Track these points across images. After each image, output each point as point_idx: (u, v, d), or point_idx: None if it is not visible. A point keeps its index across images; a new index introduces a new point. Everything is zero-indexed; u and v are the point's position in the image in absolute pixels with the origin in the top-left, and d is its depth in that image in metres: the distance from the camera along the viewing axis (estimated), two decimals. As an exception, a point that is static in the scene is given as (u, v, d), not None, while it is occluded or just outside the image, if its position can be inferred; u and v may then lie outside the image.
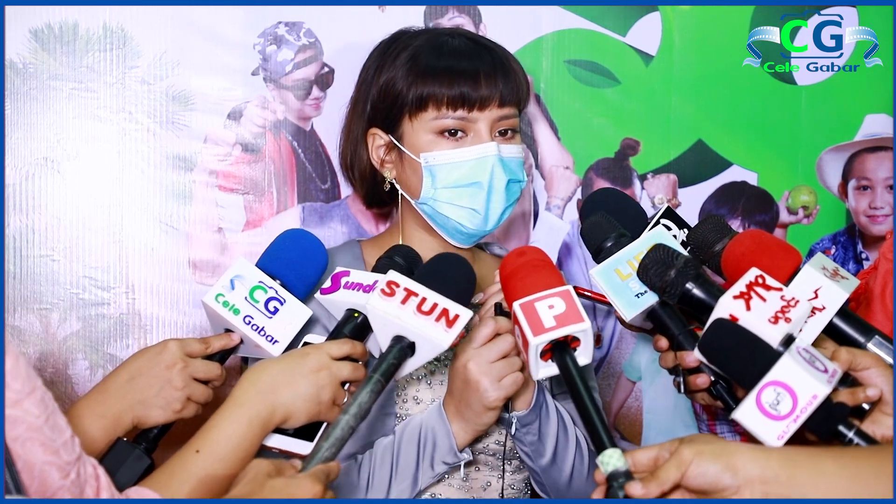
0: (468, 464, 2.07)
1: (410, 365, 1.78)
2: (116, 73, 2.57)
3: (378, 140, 2.21)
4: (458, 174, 2.13)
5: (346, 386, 1.85)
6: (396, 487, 2.02)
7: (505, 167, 2.14)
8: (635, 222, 2.11)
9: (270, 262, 2.02)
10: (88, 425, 1.86)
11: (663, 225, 2.11)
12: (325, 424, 1.81)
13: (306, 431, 1.82)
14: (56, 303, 2.57)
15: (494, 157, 2.12)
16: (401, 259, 2.00)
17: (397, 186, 2.22)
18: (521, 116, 2.24)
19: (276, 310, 1.95)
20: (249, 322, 1.93)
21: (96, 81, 2.57)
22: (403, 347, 1.75)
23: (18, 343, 2.55)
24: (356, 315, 1.91)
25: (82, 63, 2.56)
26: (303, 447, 1.80)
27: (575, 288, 2.20)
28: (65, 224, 2.58)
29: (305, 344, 1.92)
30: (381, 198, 2.31)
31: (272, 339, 1.94)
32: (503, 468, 2.14)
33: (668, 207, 2.14)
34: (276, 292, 1.96)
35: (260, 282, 1.96)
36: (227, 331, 1.98)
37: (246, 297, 1.94)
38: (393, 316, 1.75)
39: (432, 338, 1.74)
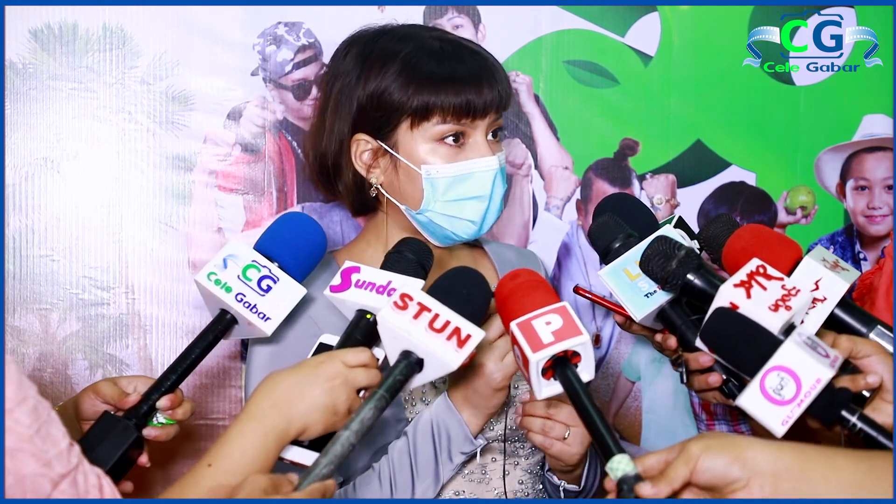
0: (483, 450, 2.06)
1: (417, 381, 1.74)
2: (116, 74, 2.58)
3: (363, 145, 2.13)
4: (461, 188, 2.09)
5: (361, 393, 1.79)
6: (420, 486, 2.01)
7: (503, 178, 2.13)
8: (646, 230, 2.10)
9: (266, 244, 2.00)
10: None
11: None
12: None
13: (320, 443, 1.75)
14: (56, 303, 2.57)
15: (497, 170, 2.11)
16: (411, 254, 1.95)
17: (383, 191, 2.15)
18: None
19: (269, 288, 1.93)
20: (241, 299, 1.91)
21: (96, 81, 2.57)
22: (411, 363, 1.70)
23: (18, 343, 2.55)
24: (368, 317, 1.86)
25: (82, 63, 2.56)
26: (313, 459, 1.73)
27: (576, 288, 2.21)
28: (64, 224, 2.58)
29: (321, 344, 1.88)
30: (369, 204, 2.23)
31: (264, 316, 1.92)
32: (504, 451, 2.13)
33: (680, 217, 2.13)
34: (270, 271, 1.94)
35: (253, 261, 1.94)
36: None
37: (238, 276, 1.92)
38: (404, 331, 1.70)
39: (441, 357, 1.69)
